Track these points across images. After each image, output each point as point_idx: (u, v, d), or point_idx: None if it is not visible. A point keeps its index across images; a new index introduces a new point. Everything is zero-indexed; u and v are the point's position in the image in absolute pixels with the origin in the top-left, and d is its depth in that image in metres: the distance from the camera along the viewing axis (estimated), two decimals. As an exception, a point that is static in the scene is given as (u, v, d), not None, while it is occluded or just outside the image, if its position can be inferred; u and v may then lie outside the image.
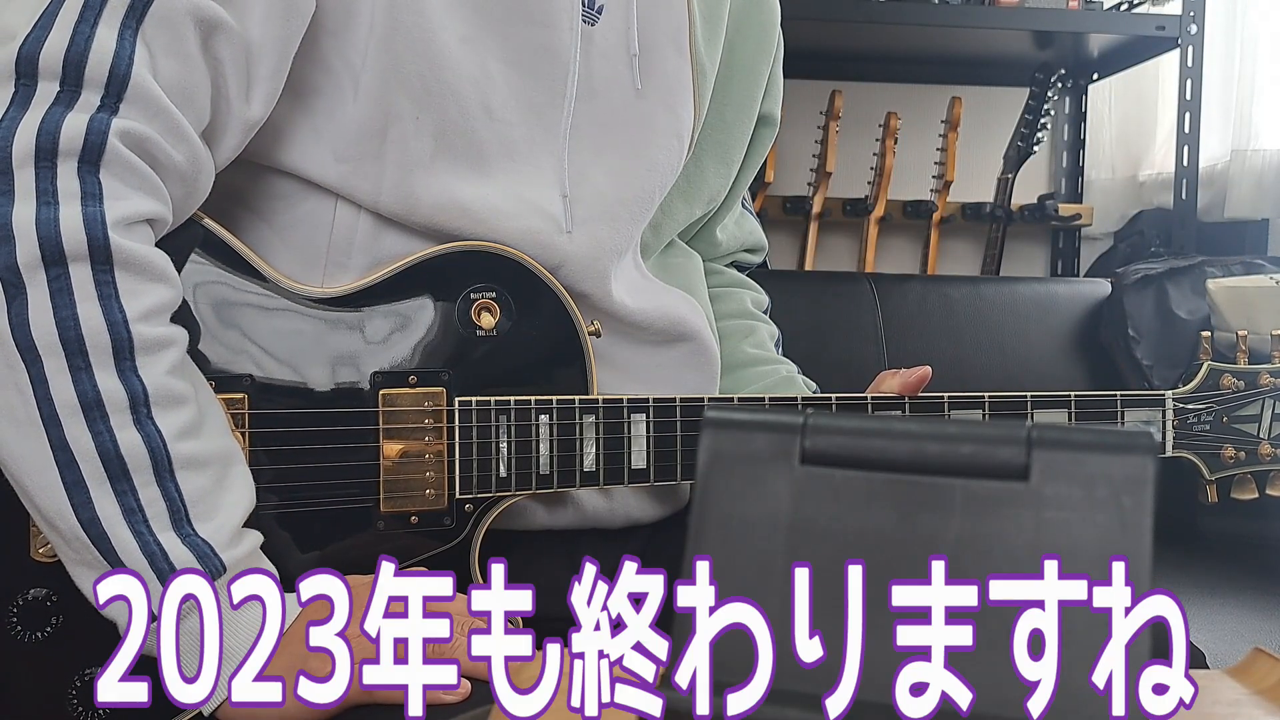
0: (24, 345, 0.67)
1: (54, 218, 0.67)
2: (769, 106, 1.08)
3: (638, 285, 0.93)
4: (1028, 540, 0.33)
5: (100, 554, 0.68)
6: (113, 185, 0.70)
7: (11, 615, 0.75)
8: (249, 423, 0.78)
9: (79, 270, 0.68)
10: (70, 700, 0.75)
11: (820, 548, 0.34)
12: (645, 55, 0.90)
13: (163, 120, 0.72)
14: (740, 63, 1.02)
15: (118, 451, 0.68)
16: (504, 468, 0.83)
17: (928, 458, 0.34)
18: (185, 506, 0.70)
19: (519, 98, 0.85)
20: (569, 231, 0.86)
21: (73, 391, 0.67)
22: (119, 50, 0.70)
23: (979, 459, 0.34)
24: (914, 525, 0.33)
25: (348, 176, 0.81)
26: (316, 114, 0.81)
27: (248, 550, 0.72)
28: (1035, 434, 0.33)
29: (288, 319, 0.80)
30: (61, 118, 0.68)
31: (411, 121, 0.81)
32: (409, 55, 0.80)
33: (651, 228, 0.96)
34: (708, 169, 1.01)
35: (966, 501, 0.33)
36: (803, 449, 0.35)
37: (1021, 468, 0.33)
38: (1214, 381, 0.99)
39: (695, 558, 0.35)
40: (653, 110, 0.92)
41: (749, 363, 1.08)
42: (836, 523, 0.34)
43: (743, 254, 1.19)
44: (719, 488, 0.35)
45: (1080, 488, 0.33)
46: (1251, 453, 0.99)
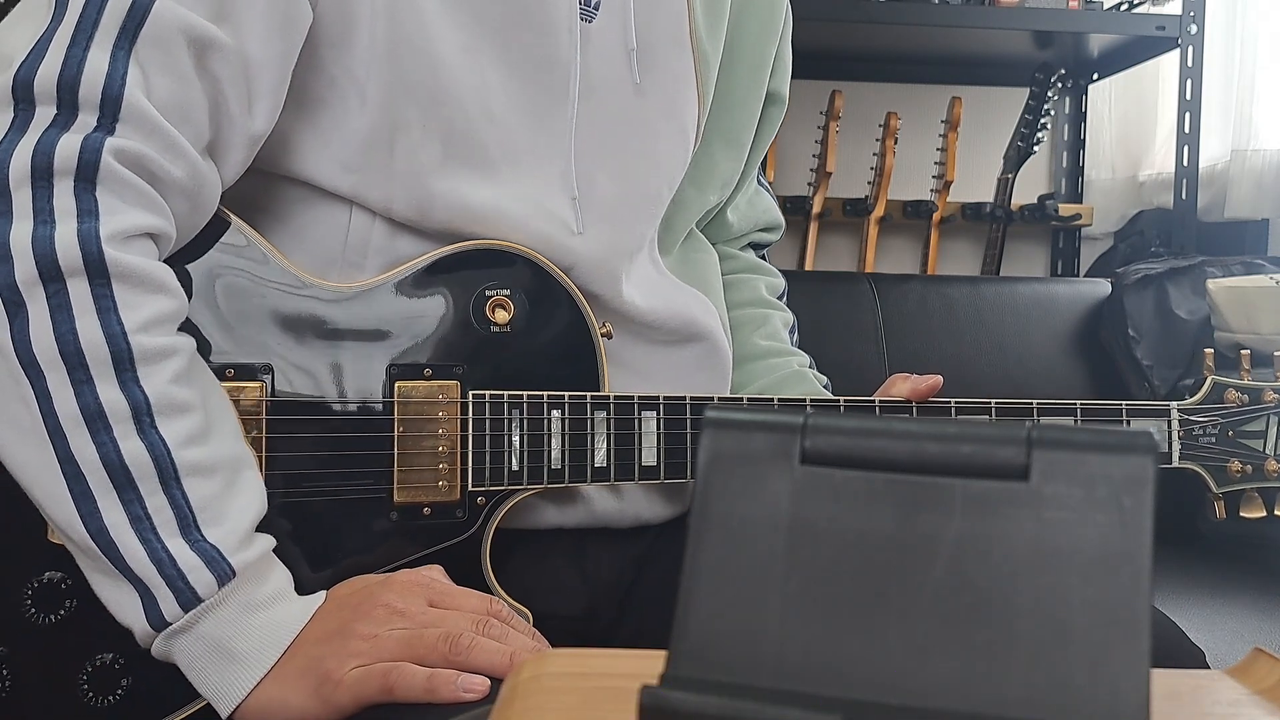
0: (26, 360, 0.68)
1: (50, 235, 0.68)
2: (776, 85, 1.07)
3: (652, 284, 0.93)
4: (1028, 540, 0.33)
5: (111, 562, 0.69)
6: (109, 201, 0.70)
7: (25, 598, 0.76)
8: (267, 410, 0.79)
9: (76, 285, 0.69)
10: (82, 684, 0.76)
11: (820, 547, 0.34)
12: (644, 49, 0.90)
13: (159, 138, 0.72)
14: (745, 44, 1.01)
15: (122, 461, 0.68)
16: (516, 461, 0.84)
17: (928, 458, 0.34)
18: (193, 513, 0.70)
19: (519, 104, 0.85)
20: (580, 233, 0.86)
21: (75, 404, 0.68)
22: (111, 71, 0.71)
23: (979, 459, 0.34)
24: (914, 525, 0.33)
25: (358, 186, 0.82)
26: (322, 125, 0.82)
27: (258, 554, 0.72)
28: (1035, 434, 0.33)
29: (306, 312, 0.81)
30: (57, 138, 0.70)
31: (419, 129, 0.81)
32: (412, 65, 0.80)
33: (664, 222, 0.96)
34: (717, 154, 1.01)
35: (966, 501, 0.33)
36: (803, 449, 0.35)
37: (1021, 468, 0.33)
38: (1218, 395, 0.99)
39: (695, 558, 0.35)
40: (654, 106, 0.91)
41: (760, 355, 1.08)
42: (836, 523, 0.34)
43: (758, 234, 1.17)
44: (719, 487, 0.35)
45: (1080, 488, 0.33)
46: (1258, 468, 0.98)
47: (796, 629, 0.34)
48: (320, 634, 0.72)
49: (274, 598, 0.73)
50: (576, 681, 0.44)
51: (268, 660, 0.70)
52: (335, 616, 0.73)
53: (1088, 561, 0.32)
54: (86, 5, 0.72)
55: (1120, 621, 0.32)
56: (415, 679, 0.69)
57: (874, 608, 0.33)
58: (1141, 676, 0.31)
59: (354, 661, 0.70)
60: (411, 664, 0.70)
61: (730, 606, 0.34)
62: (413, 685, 0.69)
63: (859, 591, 0.33)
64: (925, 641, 0.33)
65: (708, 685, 0.33)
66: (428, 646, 0.70)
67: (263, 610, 0.72)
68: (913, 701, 0.32)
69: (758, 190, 1.15)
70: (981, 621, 0.32)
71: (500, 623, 0.74)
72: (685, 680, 0.33)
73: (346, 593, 0.75)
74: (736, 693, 0.33)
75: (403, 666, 0.69)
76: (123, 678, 0.76)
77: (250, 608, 0.71)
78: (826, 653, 0.33)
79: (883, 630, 0.33)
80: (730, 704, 0.32)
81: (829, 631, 0.33)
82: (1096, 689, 0.31)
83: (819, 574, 0.34)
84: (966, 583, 0.33)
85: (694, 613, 0.34)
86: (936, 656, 0.32)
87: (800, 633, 0.33)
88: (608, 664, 0.46)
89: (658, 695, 0.33)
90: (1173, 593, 1.52)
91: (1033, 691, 0.31)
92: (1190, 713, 0.43)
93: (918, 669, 0.32)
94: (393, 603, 0.72)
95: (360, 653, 0.70)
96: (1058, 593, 0.32)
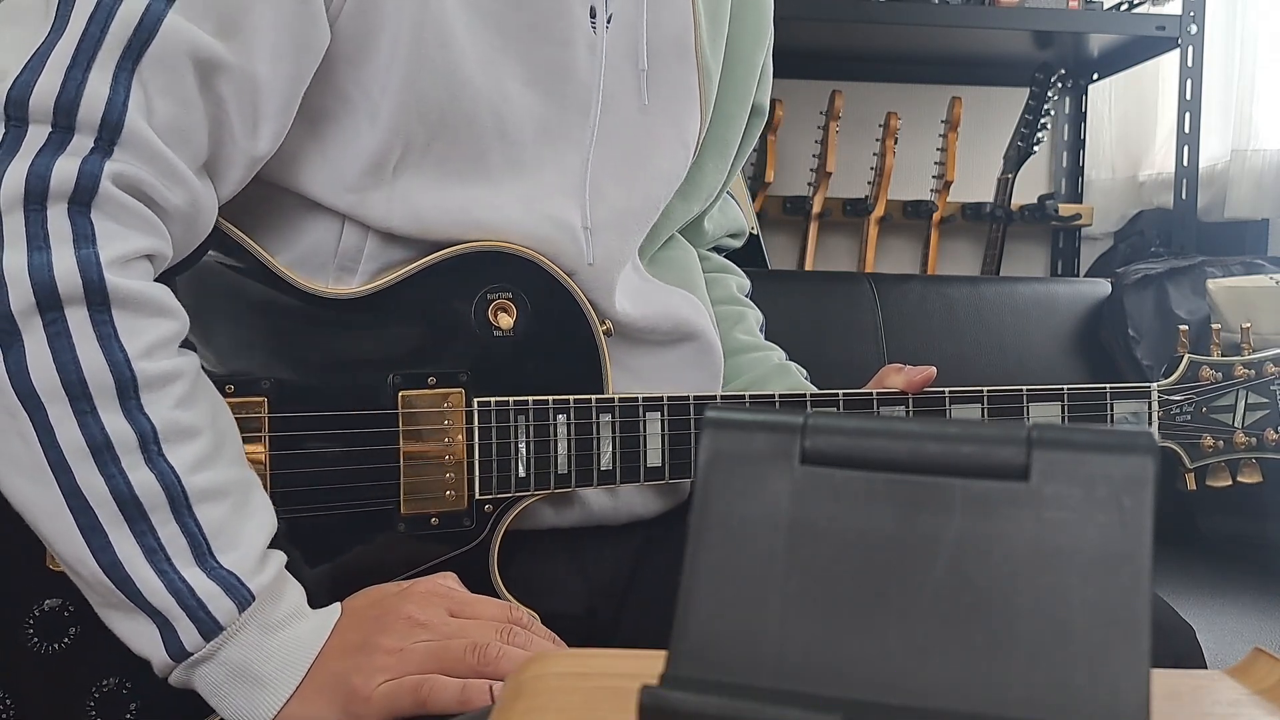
0: (24, 393, 0.66)
1: (47, 262, 0.66)
2: (760, 97, 1.07)
3: (638, 290, 0.93)
4: (1028, 540, 0.33)
5: (126, 596, 0.67)
6: (105, 225, 0.68)
7: (28, 627, 0.75)
8: (269, 426, 0.78)
9: (75, 313, 0.66)
10: (89, 712, 0.75)
11: (820, 547, 0.34)
12: (653, 64, 0.89)
13: (158, 164, 0.70)
14: (739, 56, 1.02)
15: (132, 493, 0.67)
16: (523, 468, 0.83)
17: (928, 458, 0.34)
18: (206, 540, 0.69)
19: (535, 116, 0.84)
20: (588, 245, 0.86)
21: (80, 436, 0.66)
22: (113, 95, 0.68)
23: (979, 459, 0.34)
24: (914, 525, 0.33)
25: (356, 206, 0.80)
26: (328, 141, 0.80)
27: (274, 574, 0.72)
28: (1035, 434, 0.33)
29: (307, 322, 0.79)
30: (52, 161, 0.67)
31: (422, 149, 0.80)
32: (431, 88, 0.79)
33: (650, 231, 0.96)
34: (707, 166, 1.01)
35: (966, 501, 0.33)
36: (803, 449, 0.35)
37: (1021, 468, 0.33)
38: (1194, 373, 1.03)
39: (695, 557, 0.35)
40: (660, 121, 0.91)
41: (742, 349, 1.09)
42: (836, 523, 0.34)
43: (725, 239, 1.19)
44: (719, 487, 0.35)
45: (1080, 488, 0.33)
46: (1228, 441, 1.03)
47: (796, 629, 0.34)
48: (342, 649, 0.71)
49: (291, 615, 0.72)
50: (577, 681, 0.44)
51: (292, 681, 0.70)
52: (356, 630, 0.72)
53: (1088, 561, 0.32)
54: (90, 21, 0.69)
55: (1120, 621, 0.32)
56: (449, 691, 0.68)
57: (874, 608, 0.33)
58: (1141, 676, 0.31)
59: (381, 676, 0.69)
60: (443, 676, 0.69)
61: (730, 606, 0.34)
62: (447, 697, 0.68)
63: (859, 591, 0.33)
64: (925, 641, 0.33)
65: (708, 685, 0.33)
66: (455, 658, 0.70)
67: (281, 630, 0.71)
68: (913, 701, 0.32)
69: (725, 199, 1.16)
70: (981, 621, 0.32)
71: (523, 630, 0.73)
72: (685, 680, 0.33)
73: (364, 604, 0.74)
74: (736, 693, 0.33)
75: (435, 679, 0.69)
76: (131, 702, 0.75)
77: (269, 628, 0.70)
78: (826, 653, 0.33)
79: (883, 630, 0.33)
80: (730, 704, 0.32)
81: (829, 631, 0.33)
82: (1096, 689, 0.31)
83: (819, 574, 0.34)
84: (966, 583, 0.33)
85: (694, 613, 0.34)
86: (936, 656, 0.32)
87: (800, 633, 0.33)
88: (608, 664, 0.46)
89: (658, 695, 0.33)
90: (1173, 593, 1.52)
91: (1033, 691, 0.31)
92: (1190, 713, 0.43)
93: (918, 669, 0.32)
94: (414, 614, 0.72)
95: (387, 667, 0.69)
96: (1058, 593, 0.32)
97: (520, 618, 0.74)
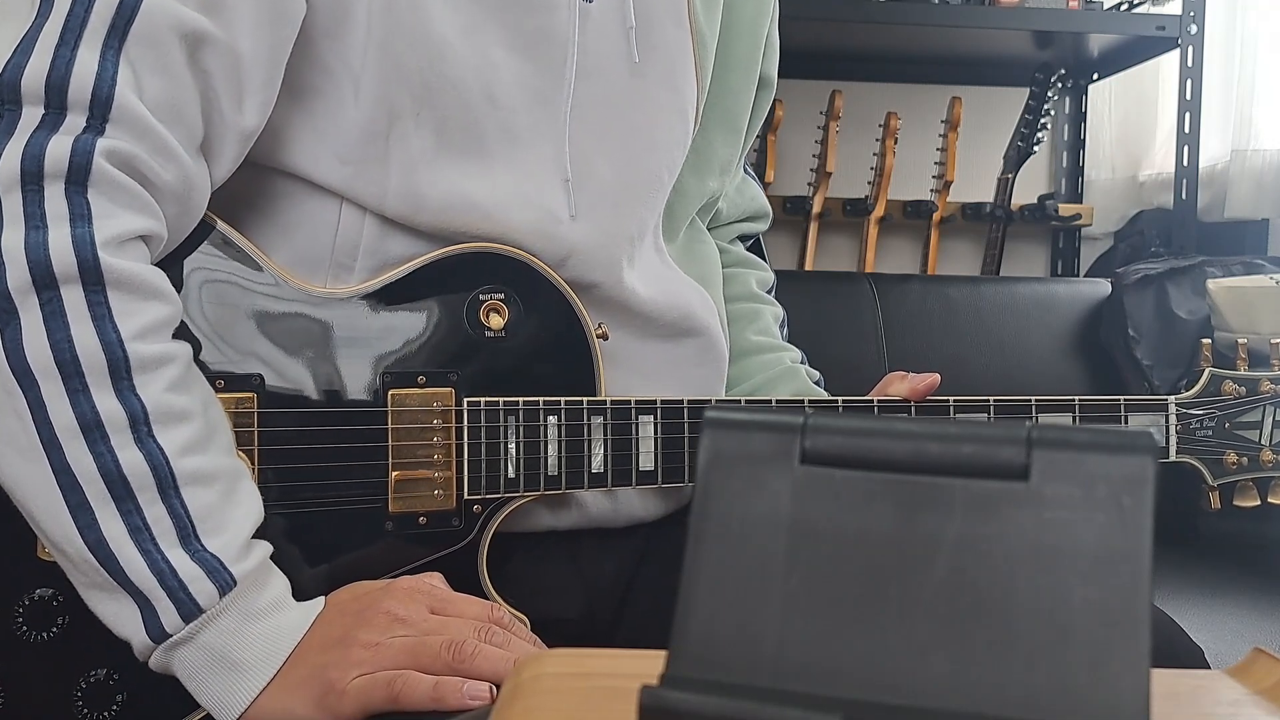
0: (20, 370, 0.66)
1: (43, 241, 0.67)
2: (768, 68, 1.06)
3: (655, 272, 0.92)
4: (1028, 540, 0.33)
5: (109, 575, 0.68)
6: (101, 205, 0.69)
7: (17, 615, 0.75)
8: (258, 422, 0.78)
9: (71, 292, 0.67)
10: (77, 701, 0.75)
11: (820, 547, 0.34)
12: (643, 29, 0.89)
13: (150, 140, 0.71)
14: (741, 24, 1.01)
15: (120, 472, 0.67)
16: (512, 468, 0.83)
17: (928, 458, 0.34)
18: (192, 522, 0.69)
19: (522, 83, 0.83)
20: (573, 217, 0.85)
21: (71, 414, 0.67)
22: (101, 71, 0.69)
23: (979, 459, 0.34)
24: (914, 525, 0.34)
25: (352, 180, 0.80)
26: (317, 116, 0.81)
27: (258, 562, 0.72)
28: (1035, 434, 0.33)
29: (298, 319, 0.79)
30: (46, 141, 0.68)
31: (412, 119, 0.80)
32: (408, 53, 0.79)
33: (666, 209, 0.95)
34: (715, 139, 1.00)
35: (966, 501, 0.33)
36: (803, 449, 0.35)
37: (1022, 468, 0.33)
38: (1215, 387, 0.99)
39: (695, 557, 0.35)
40: (653, 88, 0.90)
41: (753, 351, 1.07)
42: (836, 523, 0.34)
43: (745, 223, 1.16)
44: (719, 488, 0.35)
45: (1080, 488, 0.33)
46: (1254, 459, 0.99)
47: (796, 629, 0.34)
48: (322, 642, 0.71)
49: (273, 605, 0.72)
50: (576, 681, 0.44)
51: (270, 669, 0.70)
52: (337, 624, 0.72)
53: (1088, 561, 0.32)
54: (74, 2, 0.70)
55: (1120, 621, 0.32)
56: (421, 687, 0.68)
57: (874, 608, 0.33)
58: (1141, 676, 0.31)
59: (357, 670, 0.69)
60: (416, 672, 0.69)
61: (730, 606, 0.34)
62: (419, 693, 0.68)
63: (859, 591, 0.33)
64: (925, 641, 0.33)
65: (708, 685, 0.33)
66: (431, 654, 0.70)
67: (263, 618, 0.71)
68: (913, 701, 0.32)
69: (744, 178, 1.14)
70: (981, 621, 0.32)
71: (502, 629, 0.73)
72: (685, 680, 0.33)
73: (347, 598, 0.75)
74: (736, 693, 0.33)
75: (408, 675, 0.69)
76: (118, 693, 0.75)
77: (250, 616, 0.70)
78: (826, 653, 0.33)
79: (883, 630, 0.33)
80: (730, 704, 0.32)
81: (829, 631, 0.33)
82: (1096, 689, 0.31)
83: (819, 574, 0.34)
84: (966, 583, 0.33)
85: (694, 613, 0.34)
86: (937, 656, 0.32)
87: (800, 633, 0.33)
88: (608, 664, 0.46)
89: (658, 695, 0.33)
90: (1173, 593, 1.52)
91: (1033, 691, 0.31)
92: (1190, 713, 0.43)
93: (918, 669, 0.32)
94: (394, 610, 0.72)
95: (363, 661, 0.69)
96: (1058, 593, 0.32)
97: (501, 617, 0.74)
